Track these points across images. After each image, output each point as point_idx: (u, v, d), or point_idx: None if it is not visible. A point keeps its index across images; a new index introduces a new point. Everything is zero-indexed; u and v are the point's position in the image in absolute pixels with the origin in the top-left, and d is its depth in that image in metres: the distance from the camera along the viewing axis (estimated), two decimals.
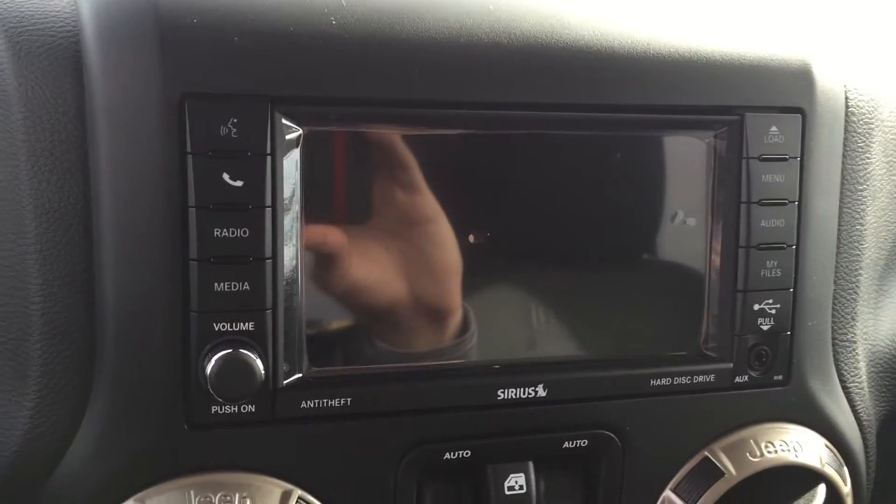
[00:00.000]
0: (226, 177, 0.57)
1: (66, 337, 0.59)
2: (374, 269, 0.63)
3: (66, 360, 0.59)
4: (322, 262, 0.62)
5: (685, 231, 0.71)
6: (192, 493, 0.59)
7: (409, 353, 0.65)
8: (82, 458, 0.60)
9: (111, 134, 0.57)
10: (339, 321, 0.64)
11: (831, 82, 0.73)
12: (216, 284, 0.58)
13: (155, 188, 0.57)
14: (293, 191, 0.60)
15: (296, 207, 0.60)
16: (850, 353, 0.79)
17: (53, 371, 0.59)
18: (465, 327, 0.66)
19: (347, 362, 0.64)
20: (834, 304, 0.77)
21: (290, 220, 0.60)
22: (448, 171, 0.65)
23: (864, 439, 0.80)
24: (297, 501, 0.62)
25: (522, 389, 0.66)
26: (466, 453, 0.66)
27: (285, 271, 0.60)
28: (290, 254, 0.61)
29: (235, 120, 0.57)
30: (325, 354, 0.63)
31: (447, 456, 0.66)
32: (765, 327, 0.71)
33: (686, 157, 0.70)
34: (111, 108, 0.57)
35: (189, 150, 0.57)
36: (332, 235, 0.62)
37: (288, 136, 0.59)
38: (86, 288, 0.59)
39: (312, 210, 0.61)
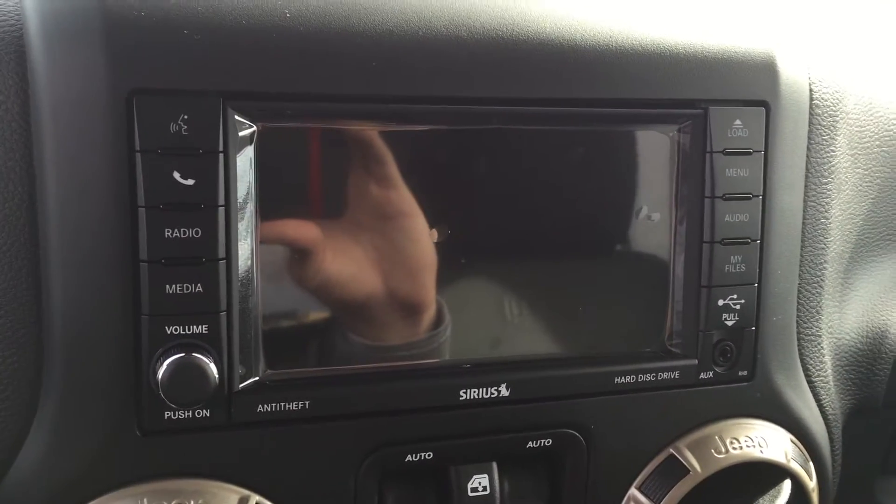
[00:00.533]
0: (176, 175, 0.56)
1: (12, 342, 0.57)
2: (346, 264, 0.63)
3: (13, 367, 0.58)
4: (287, 259, 0.61)
5: (650, 226, 0.70)
6: (145, 500, 0.58)
7: (383, 347, 0.65)
8: (32, 467, 0.58)
9: (57, 133, 0.55)
10: (301, 320, 0.63)
11: (795, 75, 0.73)
12: (168, 286, 0.56)
13: (103, 188, 0.55)
14: (248, 189, 0.59)
15: (251, 206, 0.59)
16: (816, 347, 0.79)
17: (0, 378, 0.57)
18: (438, 320, 0.66)
19: (306, 364, 0.63)
20: (799, 298, 0.77)
21: (245, 220, 0.59)
22: (412, 166, 0.63)
23: (830, 433, 0.80)
24: None
25: (485, 389, 0.65)
26: (428, 455, 0.65)
27: (240, 272, 0.59)
28: (245, 254, 0.59)
29: (186, 116, 0.55)
30: (283, 356, 0.62)
31: (409, 458, 0.65)
32: (729, 323, 0.71)
33: (650, 151, 0.70)
34: (57, 106, 0.55)
35: (138, 148, 0.55)
36: (297, 232, 0.61)
37: (241, 133, 0.58)
38: (32, 292, 0.57)
39: (268, 208, 0.60)
